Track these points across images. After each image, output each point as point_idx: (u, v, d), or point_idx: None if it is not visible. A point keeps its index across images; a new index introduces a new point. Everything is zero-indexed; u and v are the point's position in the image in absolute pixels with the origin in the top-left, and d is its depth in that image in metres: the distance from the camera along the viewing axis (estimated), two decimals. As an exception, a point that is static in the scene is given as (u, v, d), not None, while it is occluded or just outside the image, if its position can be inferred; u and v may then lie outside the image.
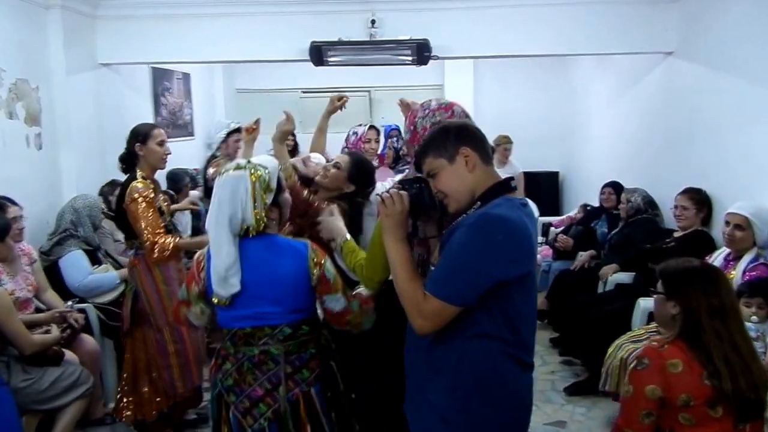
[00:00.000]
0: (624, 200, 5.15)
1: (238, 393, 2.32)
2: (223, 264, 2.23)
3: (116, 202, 3.70)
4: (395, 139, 5.23)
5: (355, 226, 3.17)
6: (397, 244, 1.99)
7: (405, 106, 3.52)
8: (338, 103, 3.81)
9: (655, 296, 2.49)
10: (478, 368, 1.92)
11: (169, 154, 3.66)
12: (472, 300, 1.84)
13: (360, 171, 3.24)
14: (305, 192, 3.10)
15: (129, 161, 3.61)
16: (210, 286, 2.31)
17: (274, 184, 2.34)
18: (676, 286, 2.37)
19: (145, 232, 3.40)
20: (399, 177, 3.53)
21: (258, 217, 2.28)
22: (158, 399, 3.64)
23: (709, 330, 2.24)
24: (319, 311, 2.44)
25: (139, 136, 3.55)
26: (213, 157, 5.22)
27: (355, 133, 4.33)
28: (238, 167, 2.31)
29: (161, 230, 3.45)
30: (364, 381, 3.57)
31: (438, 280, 1.88)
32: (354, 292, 2.46)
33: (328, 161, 3.47)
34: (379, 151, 4.38)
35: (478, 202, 1.93)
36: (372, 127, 4.34)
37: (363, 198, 3.27)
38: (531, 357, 2.02)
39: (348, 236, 2.59)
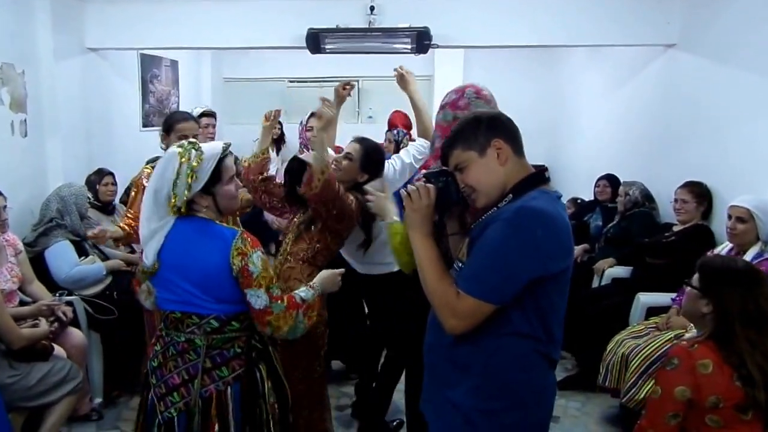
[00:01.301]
0: (622, 193, 5.09)
1: (159, 376, 2.28)
2: (148, 232, 2.22)
3: None
4: (396, 131, 5.14)
5: (368, 214, 3.10)
6: (423, 239, 1.90)
7: (400, 77, 3.44)
8: (343, 91, 3.70)
9: (687, 289, 2.42)
10: (507, 368, 1.84)
11: None
12: (508, 298, 1.76)
13: (372, 159, 3.19)
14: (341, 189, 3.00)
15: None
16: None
17: (203, 173, 2.22)
18: (712, 284, 2.29)
19: (132, 217, 3.42)
20: None
21: (175, 198, 2.20)
22: None
23: (741, 336, 2.17)
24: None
25: (165, 125, 3.49)
26: None
27: (301, 122, 4.23)
28: (180, 146, 2.25)
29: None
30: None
31: (472, 277, 1.78)
32: (288, 294, 2.34)
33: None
34: None
35: (510, 195, 1.84)
36: (314, 114, 4.22)
37: None
38: (558, 353, 1.96)
39: (395, 218, 2.52)
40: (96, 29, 4.97)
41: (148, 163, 3.58)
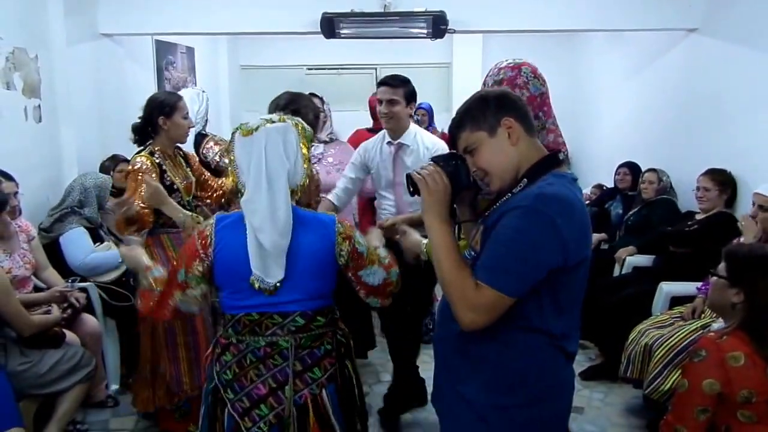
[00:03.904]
0: (655, 179, 4.98)
1: (237, 390, 2.03)
2: (280, 234, 1.91)
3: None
4: (418, 118, 5.10)
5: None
6: (441, 225, 1.78)
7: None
8: None
9: (713, 279, 2.33)
10: (520, 362, 1.76)
11: (192, 127, 3.47)
12: (527, 290, 1.66)
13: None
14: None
15: (145, 132, 3.36)
16: (220, 265, 2.00)
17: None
18: (743, 273, 2.20)
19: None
20: None
21: (308, 173, 2.00)
22: (159, 393, 3.41)
23: None
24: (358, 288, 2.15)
25: (165, 107, 3.29)
26: (203, 135, 4.83)
27: None
28: (270, 121, 1.97)
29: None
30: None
31: (492, 268, 1.66)
32: (385, 257, 2.13)
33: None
34: None
35: (525, 180, 1.74)
36: (311, 94, 4.03)
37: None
38: (576, 346, 1.86)
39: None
40: (109, 14, 4.92)
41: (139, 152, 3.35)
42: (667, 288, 4.01)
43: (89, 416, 3.78)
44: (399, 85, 3.34)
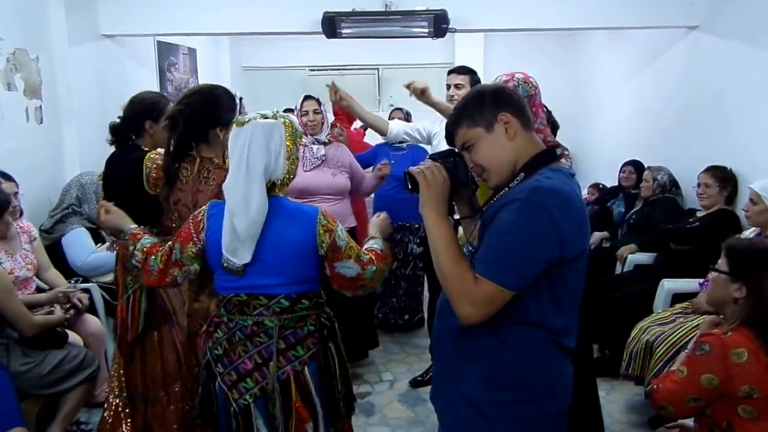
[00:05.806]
0: (649, 179, 4.98)
1: (227, 364, 2.19)
2: (251, 221, 2.07)
3: (123, 182, 2.94)
4: (405, 111, 5.10)
5: None
6: (438, 219, 1.78)
7: (421, 93, 3.56)
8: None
9: (714, 274, 2.32)
10: (519, 357, 1.75)
11: None
12: (526, 283, 1.66)
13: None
14: None
15: (124, 134, 3.07)
16: (211, 249, 2.18)
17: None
18: (746, 267, 2.19)
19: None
20: None
21: (289, 169, 2.18)
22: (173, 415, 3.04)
23: None
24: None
25: (153, 112, 3.04)
26: None
27: (295, 107, 4.05)
28: (265, 116, 2.16)
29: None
30: None
31: (491, 261, 1.66)
32: (367, 250, 2.31)
33: None
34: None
35: (522, 174, 1.74)
36: (309, 97, 4.02)
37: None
38: (574, 342, 1.85)
39: None
40: (111, 15, 4.93)
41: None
42: (669, 285, 4.01)
43: (93, 416, 3.77)
44: (466, 72, 3.82)
